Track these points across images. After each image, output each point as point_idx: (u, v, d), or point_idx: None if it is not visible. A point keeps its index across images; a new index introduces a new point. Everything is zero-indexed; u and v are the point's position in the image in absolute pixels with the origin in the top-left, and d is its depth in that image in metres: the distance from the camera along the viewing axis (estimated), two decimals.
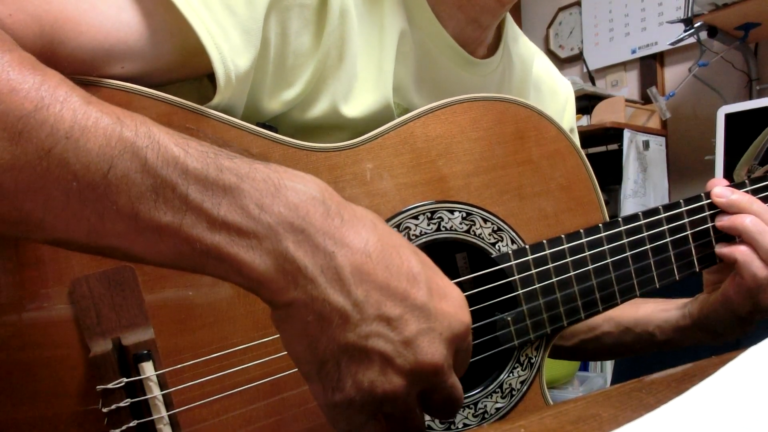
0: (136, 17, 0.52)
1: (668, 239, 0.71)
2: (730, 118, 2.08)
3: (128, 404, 0.50)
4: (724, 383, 0.39)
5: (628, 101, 2.74)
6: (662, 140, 2.73)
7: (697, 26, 2.33)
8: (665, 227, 0.71)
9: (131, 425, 0.50)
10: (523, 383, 0.67)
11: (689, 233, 0.72)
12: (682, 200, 0.72)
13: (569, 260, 0.66)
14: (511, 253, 0.65)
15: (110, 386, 0.49)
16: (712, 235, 0.72)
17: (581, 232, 0.67)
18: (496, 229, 0.66)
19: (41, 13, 0.47)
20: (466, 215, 0.65)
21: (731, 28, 2.39)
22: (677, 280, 0.71)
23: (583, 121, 2.78)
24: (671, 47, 2.72)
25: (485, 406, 0.65)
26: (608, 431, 0.36)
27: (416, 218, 0.63)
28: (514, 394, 0.66)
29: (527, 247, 0.65)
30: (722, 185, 0.73)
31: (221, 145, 0.44)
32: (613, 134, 2.57)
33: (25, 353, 0.49)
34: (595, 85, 3.12)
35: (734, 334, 0.75)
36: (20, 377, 0.48)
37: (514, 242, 0.66)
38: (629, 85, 3.11)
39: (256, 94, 0.61)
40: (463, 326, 0.46)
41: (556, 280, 0.65)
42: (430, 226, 0.63)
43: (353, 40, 0.64)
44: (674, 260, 0.71)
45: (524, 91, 0.85)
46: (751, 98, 2.50)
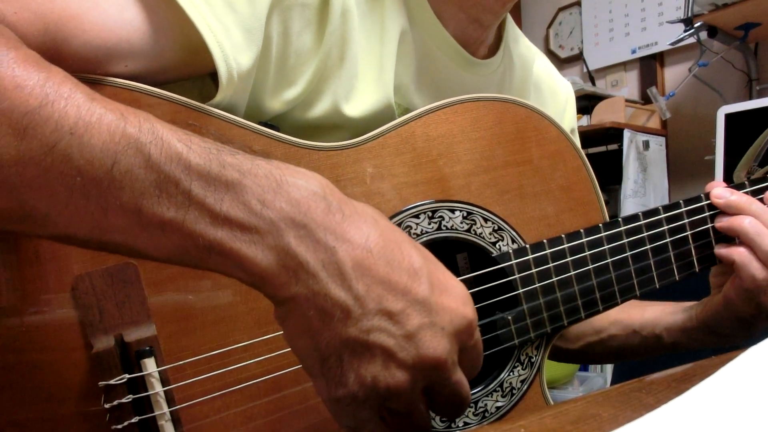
0: (138, 15, 0.52)
1: (668, 239, 0.71)
2: (730, 118, 2.08)
3: (130, 400, 0.50)
4: (724, 383, 0.39)
5: (628, 101, 2.74)
6: (662, 140, 2.73)
7: (697, 26, 2.33)
8: (665, 227, 0.71)
9: (133, 421, 0.50)
10: (523, 382, 0.67)
11: (689, 234, 0.72)
12: (682, 201, 0.72)
13: (569, 260, 0.66)
14: (511, 252, 0.65)
15: (112, 382, 0.49)
16: (711, 235, 0.73)
17: (581, 231, 0.67)
18: (496, 228, 0.66)
19: (45, 11, 0.47)
20: (467, 214, 0.65)
21: (731, 28, 2.39)
22: (677, 280, 0.72)
23: (583, 121, 2.79)
24: (671, 47, 2.72)
25: (486, 404, 0.65)
26: (608, 431, 0.36)
27: (417, 217, 0.63)
28: (514, 393, 0.66)
29: (528, 246, 0.65)
30: (721, 187, 0.73)
31: (224, 141, 0.44)
32: (613, 134, 2.58)
33: (27, 352, 0.49)
34: (595, 85, 3.12)
35: (739, 336, 0.74)
36: (22, 376, 0.49)
37: (514, 241, 0.67)
38: (629, 85, 3.11)
39: (257, 93, 0.61)
40: (465, 321, 0.46)
41: (556, 279, 0.66)
42: (431, 225, 0.63)
43: (354, 39, 0.64)
44: (674, 260, 0.71)
45: (525, 91, 0.85)
46: (751, 98, 2.50)
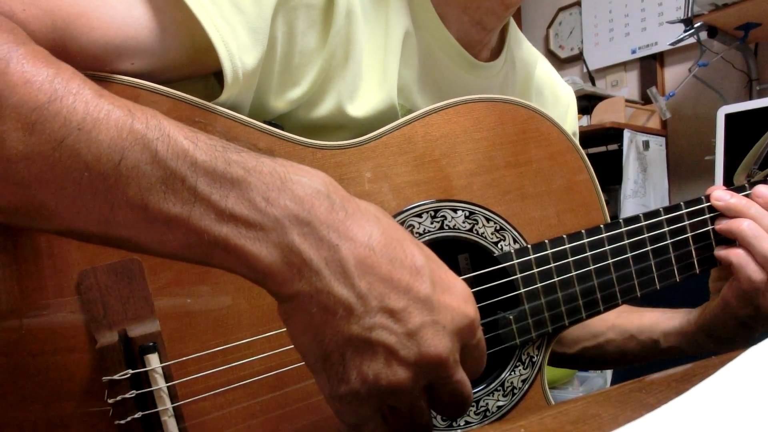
0: (146, 14, 0.53)
1: (669, 241, 0.71)
2: (730, 118, 2.08)
3: (133, 395, 0.50)
4: (724, 383, 0.39)
5: (628, 101, 2.74)
6: (662, 140, 2.73)
7: (697, 26, 2.33)
8: (666, 229, 0.71)
9: (136, 416, 0.50)
10: (524, 382, 0.67)
11: (689, 235, 0.72)
12: (682, 203, 0.72)
13: (571, 260, 0.67)
14: (513, 252, 0.65)
15: (116, 377, 0.50)
16: (712, 237, 0.73)
17: (583, 232, 0.68)
18: (498, 228, 0.66)
19: (54, 8, 0.48)
20: (469, 214, 0.65)
21: (731, 28, 2.39)
22: (678, 281, 0.72)
23: (583, 121, 2.79)
24: (671, 47, 2.72)
25: (487, 404, 0.66)
26: (608, 431, 0.36)
27: (420, 216, 0.63)
28: (515, 392, 0.67)
29: (529, 246, 0.66)
30: (722, 190, 0.73)
31: (229, 139, 0.45)
32: (613, 134, 2.58)
33: (28, 351, 0.49)
34: (595, 85, 3.12)
35: (738, 340, 0.74)
36: (23, 376, 0.49)
37: (516, 241, 0.67)
38: (629, 85, 3.11)
39: (262, 92, 0.61)
40: (467, 320, 0.46)
41: (557, 279, 0.66)
42: (433, 224, 0.64)
43: (359, 40, 0.64)
44: (675, 262, 0.72)
45: (527, 95, 0.86)
46: (751, 98, 2.51)
